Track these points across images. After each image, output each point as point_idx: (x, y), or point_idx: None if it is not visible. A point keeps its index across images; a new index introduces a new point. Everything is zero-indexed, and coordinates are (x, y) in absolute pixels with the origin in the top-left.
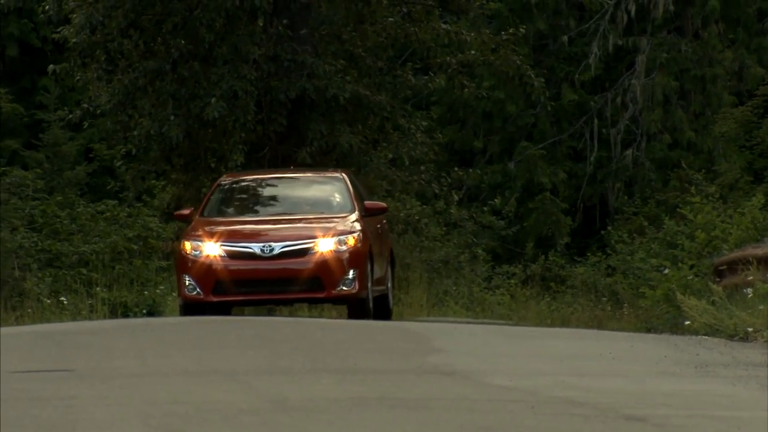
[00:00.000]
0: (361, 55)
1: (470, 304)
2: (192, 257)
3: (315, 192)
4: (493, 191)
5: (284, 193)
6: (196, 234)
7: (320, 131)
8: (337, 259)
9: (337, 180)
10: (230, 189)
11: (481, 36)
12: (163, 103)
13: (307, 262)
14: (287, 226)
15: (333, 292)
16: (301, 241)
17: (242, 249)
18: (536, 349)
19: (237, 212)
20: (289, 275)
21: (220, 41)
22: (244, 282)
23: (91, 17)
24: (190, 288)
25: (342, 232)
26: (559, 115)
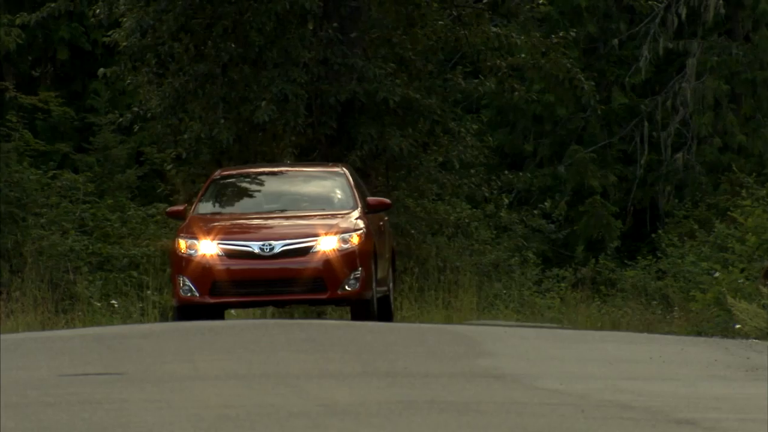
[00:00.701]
0: (411, 59)
1: (520, 307)
2: (187, 256)
3: (315, 187)
4: (543, 195)
5: (283, 188)
6: (191, 232)
7: (370, 135)
8: (340, 259)
9: (337, 175)
10: (226, 184)
11: (532, 39)
12: (213, 106)
13: (309, 262)
14: (287, 223)
15: (336, 293)
16: (302, 240)
17: (241, 248)
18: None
19: (234, 209)
20: (290, 275)
21: (270, 45)
22: (243, 282)
23: (142, 21)
24: (186, 289)
25: (345, 229)
26: (610, 118)
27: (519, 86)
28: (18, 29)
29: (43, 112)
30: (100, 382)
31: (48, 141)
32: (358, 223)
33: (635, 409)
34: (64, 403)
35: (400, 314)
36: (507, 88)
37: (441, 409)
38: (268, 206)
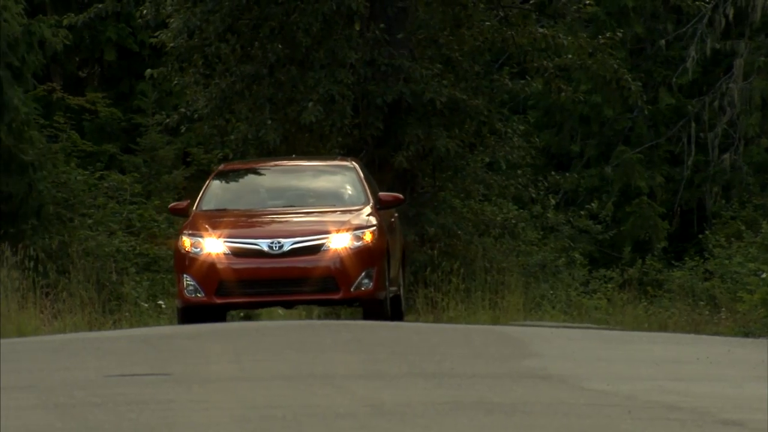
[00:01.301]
0: (458, 59)
1: (567, 308)
2: (192, 255)
3: (324, 182)
4: (590, 195)
5: (291, 183)
6: (195, 229)
7: (417, 135)
8: (353, 257)
9: (347, 169)
10: (230, 179)
11: (578, 40)
12: (260, 107)
13: (320, 260)
14: (296, 220)
15: (349, 292)
16: (312, 237)
17: (248, 246)
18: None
19: (240, 205)
20: (300, 274)
21: (317, 45)
22: (251, 282)
23: (189, 21)
24: (191, 289)
25: (357, 226)
26: (657, 118)
27: (566, 87)
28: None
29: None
30: (147, 383)
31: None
32: (370, 220)
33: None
34: (111, 404)
35: (447, 315)
36: (554, 89)
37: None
38: (275, 202)
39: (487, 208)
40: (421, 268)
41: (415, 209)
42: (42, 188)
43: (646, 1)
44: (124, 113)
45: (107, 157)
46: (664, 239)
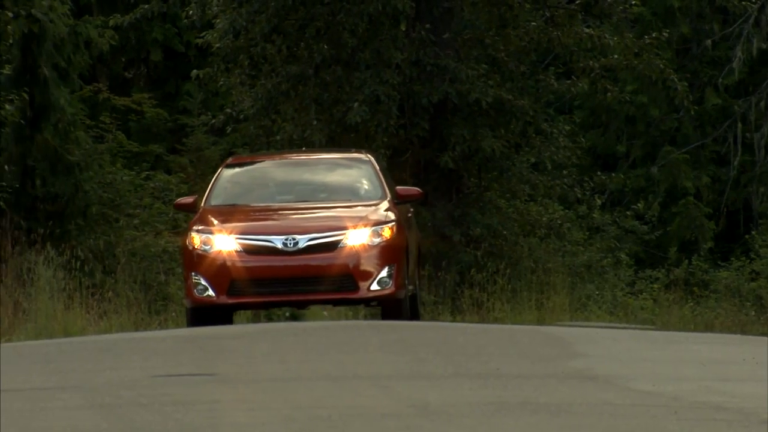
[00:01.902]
0: (504, 60)
1: (613, 308)
2: (201, 252)
3: (339, 176)
4: (636, 195)
5: (303, 177)
6: (205, 225)
7: (462, 135)
8: (371, 254)
9: (362, 162)
10: (239, 173)
11: (624, 40)
12: (305, 107)
13: (338, 258)
14: (312, 215)
15: (368, 292)
16: (329, 233)
17: (262, 243)
18: (679, 354)
19: (250, 200)
20: (316, 273)
21: (362, 46)
22: (265, 281)
23: (235, 22)
24: (201, 289)
25: (376, 222)
26: (703, 119)
27: (612, 87)
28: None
29: (136, 114)
30: (193, 383)
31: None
32: (389, 215)
33: (728, 410)
34: (157, 404)
35: (492, 315)
36: (600, 89)
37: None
38: (287, 197)
39: (532, 209)
40: (466, 269)
41: (460, 209)
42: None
43: (692, 1)
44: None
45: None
46: (710, 239)
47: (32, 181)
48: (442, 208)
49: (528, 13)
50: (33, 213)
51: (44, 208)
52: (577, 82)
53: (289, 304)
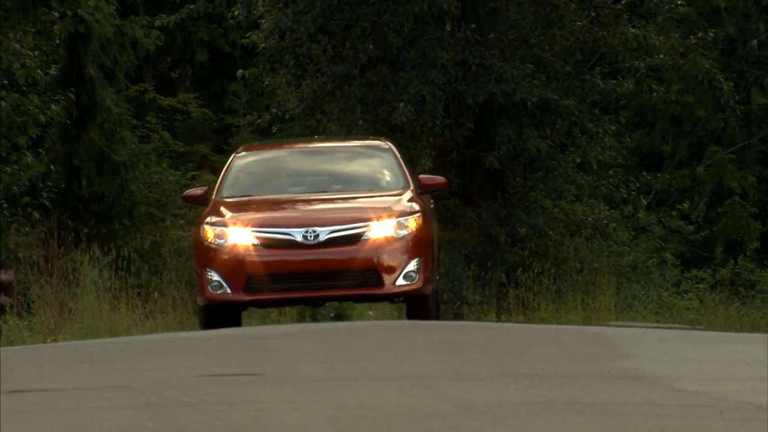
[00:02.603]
0: (549, 59)
1: (659, 308)
2: (215, 247)
3: (358, 165)
4: (682, 195)
5: (320, 166)
6: (219, 218)
7: (508, 135)
8: (397, 247)
9: (382, 150)
10: (252, 163)
11: (670, 40)
12: (351, 107)
13: (361, 251)
14: (332, 206)
15: (393, 287)
16: (351, 225)
17: (280, 236)
18: (725, 354)
19: (265, 191)
20: (338, 267)
21: (408, 46)
22: (283, 276)
23: (280, 22)
24: (216, 285)
25: (401, 213)
26: (749, 119)
27: (657, 87)
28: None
29: (182, 114)
30: (238, 383)
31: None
32: (413, 206)
33: None
34: (203, 404)
35: (538, 315)
36: (645, 89)
37: (579, 410)
38: (304, 187)
39: (578, 209)
40: (512, 269)
41: (506, 210)
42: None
43: (738, 1)
44: (215, 114)
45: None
46: (756, 239)
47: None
48: (488, 208)
49: (573, 13)
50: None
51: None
52: (623, 81)
53: (308, 300)
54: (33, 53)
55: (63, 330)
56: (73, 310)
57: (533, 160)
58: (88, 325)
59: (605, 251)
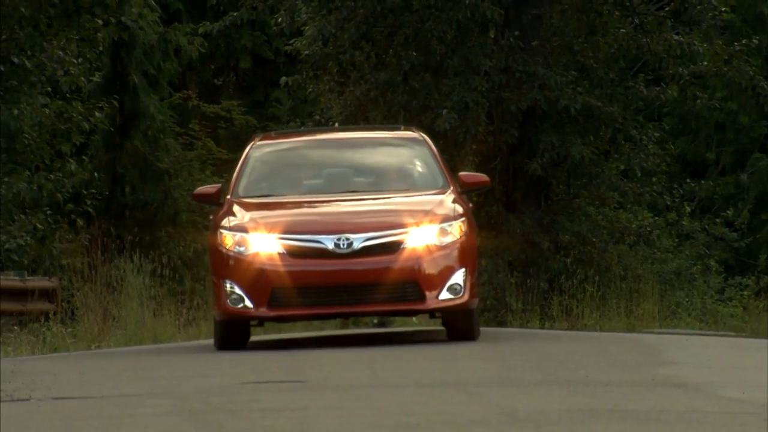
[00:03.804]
0: (593, 66)
1: (702, 315)
2: (235, 255)
3: (391, 159)
4: (726, 202)
5: (348, 160)
6: (238, 222)
7: (551, 142)
8: (440, 256)
9: (416, 142)
10: (270, 155)
11: (714, 47)
12: (394, 114)
13: (400, 261)
14: (365, 209)
15: (436, 301)
16: (389, 232)
17: (309, 243)
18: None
19: (287, 189)
20: (374, 280)
21: (451, 53)
22: (313, 290)
23: (324, 29)
24: (235, 299)
25: (444, 217)
26: None
27: (701, 94)
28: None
29: (225, 121)
30: (281, 390)
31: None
32: (457, 208)
33: None
34: (246, 411)
35: (582, 322)
36: (689, 96)
37: (622, 417)
38: (331, 185)
39: (621, 216)
40: (555, 276)
41: (549, 216)
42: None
43: None
44: (259, 121)
45: None
46: None
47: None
48: (531, 215)
49: (617, 20)
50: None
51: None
52: (667, 88)
53: (340, 316)
54: (77, 60)
55: (106, 337)
56: (117, 317)
57: (576, 167)
58: (131, 332)
59: (649, 258)
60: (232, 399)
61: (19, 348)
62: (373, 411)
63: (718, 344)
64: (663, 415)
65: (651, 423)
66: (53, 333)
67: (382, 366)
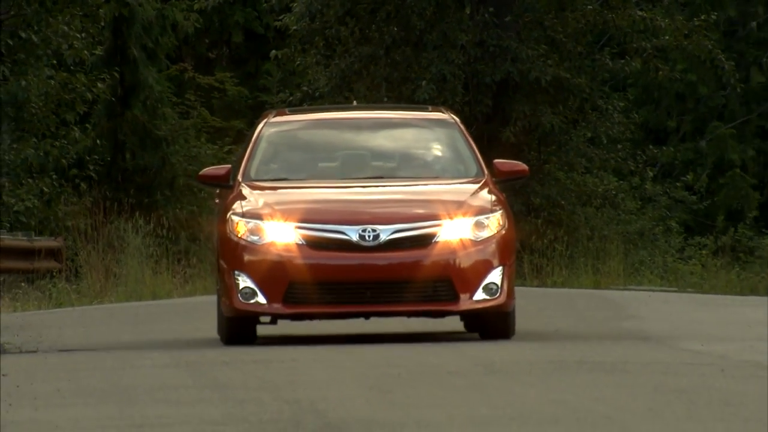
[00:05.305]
0: (562, 41)
1: (664, 273)
2: (247, 245)
3: (419, 143)
4: (686, 168)
5: (372, 143)
6: (251, 208)
7: (523, 112)
8: (475, 252)
9: (446, 125)
10: (286, 134)
11: (675, 22)
12: (377, 86)
13: (431, 256)
14: (393, 197)
15: (470, 302)
16: (419, 224)
17: (331, 234)
18: (726, 316)
19: (304, 173)
20: (403, 277)
21: (430, 28)
22: (334, 286)
23: (311, 6)
24: (247, 293)
25: (479, 209)
26: (748, 96)
27: (663, 66)
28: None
29: (219, 92)
30: (272, 343)
31: (223, 118)
32: (493, 200)
33: None
34: (239, 362)
35: (551, 280)
36: (652, 68)
37: (589, 368)
38: (353, 169)
39: (589, 180)
40: (527, 236)
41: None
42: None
43: None
44: (250, 92)
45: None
46: (755, 209)
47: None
48: None
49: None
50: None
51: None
52: (631, 61)
53: (362, 315)
54: (80, 35)
55: (108, 293)
56: (118, 274)
57: (547, 135)
58: (131, 288)
59: (614, 220)
60: (225, 352)
61: (27, 303)
62: (360, 363)
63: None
64: (627, 366)
65: (616, 373)
66: (58, 289)
67: (369, 324)
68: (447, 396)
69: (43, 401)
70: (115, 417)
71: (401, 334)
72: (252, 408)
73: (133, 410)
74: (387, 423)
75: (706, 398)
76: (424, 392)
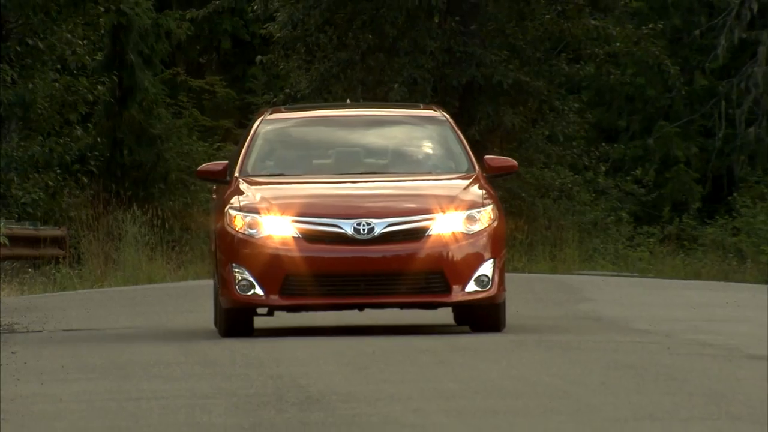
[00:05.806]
0: (522, 47)
1: (615, 259)
2: (245, 238)
3: (412, 139)
4: (635, 163)
5: (367, 140)
6: (248, 202)
7: (487, 112)
8: (467, 245)
9: (438, 122)
10: (282, 131)
11: (625, 30)
12: (353, 88)
13: (424, 249)
14: (387, 192)
15: (463, 294)
16: (412, 218)
17: (326, 228)
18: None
19: (301, 168)
20: (396, 269)
21: (401, 36)
22: (330, 278)
23: (293, 15)
24: (245, 285)
25: (471, 203)
26: (692, 98)
27: (614, 71)
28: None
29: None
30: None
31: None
32: (484, 194)
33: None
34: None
35: (512, 265)
36: (604, 72)
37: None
38: (350, 166)
39: (547, 174)
40: None
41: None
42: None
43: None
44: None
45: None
46: (698, 201)
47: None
48: None
49: (543, 8)
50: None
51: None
52: (585, 66)
53: (357, 306)
54: (82, 42)
55: (108, 278)
56: (117, 261)
57: (508, 133)
58: (129, 274)
59: (570, 211)
60: (215, 332)
61: (33, 287)
62: (337, 343)
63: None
64: (582, 344)
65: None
66: (62, 274)
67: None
68: (417, 372)
69: (48, 376)
70: (114, 391)
71: (388, 326)
72: (239, 383)
73: (130, 385)
74: (363, 396)
75: (653, 374)
76: (396, 368)
